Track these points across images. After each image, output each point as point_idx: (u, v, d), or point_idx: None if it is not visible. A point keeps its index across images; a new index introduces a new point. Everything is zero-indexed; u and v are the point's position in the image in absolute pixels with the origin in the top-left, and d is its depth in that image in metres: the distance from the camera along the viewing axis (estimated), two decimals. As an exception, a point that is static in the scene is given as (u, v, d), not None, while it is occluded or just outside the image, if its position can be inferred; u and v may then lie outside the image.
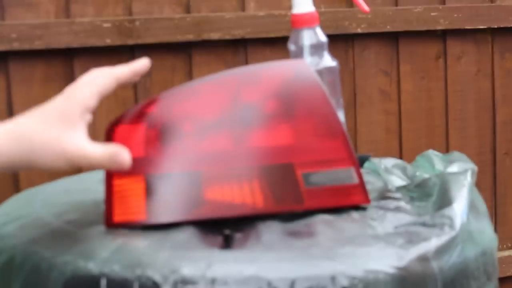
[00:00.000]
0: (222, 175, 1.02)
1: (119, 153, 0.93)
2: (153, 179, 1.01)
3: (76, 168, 1.63)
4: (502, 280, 1.78)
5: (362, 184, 1.07)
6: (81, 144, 0.91)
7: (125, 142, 1.02)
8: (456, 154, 1.29)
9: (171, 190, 1.01)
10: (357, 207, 1.10)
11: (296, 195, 1.03)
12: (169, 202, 1.00)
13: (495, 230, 1.23)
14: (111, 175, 1.02)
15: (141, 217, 1.00)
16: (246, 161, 1.02)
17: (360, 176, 1.07)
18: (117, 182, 1.01)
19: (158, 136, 1.03)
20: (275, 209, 1.03)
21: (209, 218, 1.01)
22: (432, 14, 1.87)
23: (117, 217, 1.01)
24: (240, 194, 1.02)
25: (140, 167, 1.01)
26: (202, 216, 1.01)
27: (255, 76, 1.06)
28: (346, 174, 1.06)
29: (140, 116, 1.03)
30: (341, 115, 1.25)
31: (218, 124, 1.04)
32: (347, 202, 1.06)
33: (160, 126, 1.03)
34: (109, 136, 1.03)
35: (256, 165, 1.03)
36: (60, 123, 0.92)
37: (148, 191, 1.01)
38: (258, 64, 1.08)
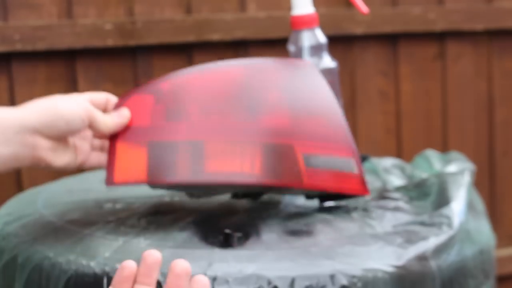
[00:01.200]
0: (224, 146, 1.02)
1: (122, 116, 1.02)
2: (156, 145, 1.02)
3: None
4: (499, 278, 1.79)
5: (362, 175, 1.07)
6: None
7: (133, 111, 1.04)
8: (454, 154, 1.29)
9: (173, 155, 1.01)
10: (357, 198, 1.11)
11: (296, 173, 1.03)
12: (170, 165, 1.01)
13: (493, 229, 1.23)
14: (115, 138, 1.03)
15: (141, 177, 1.00)
16: (248, 136, 1.03)
17: (360, 168, 1.07)
18: (120, 145, 1.02)
19: (164, 108, 1.04)
20: (275, 183, 1.02)
21: (209, 183, 1.01)
22: (431, 15, 1.88)
23: (118, 177, 1.01)
24: (241, 164, 1.01)
25: (144, 135, 1.02)
26: (202, 180, 1.00)
27: (261, 65, 1.10)
28: (346, 163, 1.06)
29: (150, 90, 1.05)
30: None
31: (223, 101, 1.05)
32: (347, 189, 1.06)
33: (167, 100, 1.04)
34: (119, 105, 1.05)
35: (258, 141, 1.03)
36: None
37: (150, 155, 1.01)
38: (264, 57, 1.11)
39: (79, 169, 1.05)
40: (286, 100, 1.07)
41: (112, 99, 1.05)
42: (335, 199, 1.12)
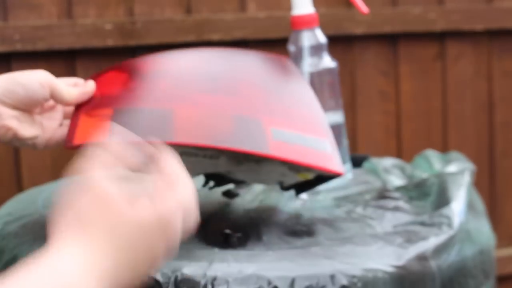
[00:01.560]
0: (193, 114, 1.00)
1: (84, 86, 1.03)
2: (121, 111, 1.00)
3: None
4: (499, 278, 1.79)
5: (336, 155, 1.03)
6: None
7: (103, 85, 1.03)
8: (454, 154, 1.29)
9: (139, 119, 0.99)
10: (333, 180, 1.08)
11: (262, 143, 0.99)
12: (136, 126, 0.97)
13: (493, 229, 1.23)
14: (80, 106, 1.02)
15: (103, 137, 0.96)
16: (218, 108, 1.01)
17: (334, 149, 1.03)
18: (84, 111, 1.01)
19: (135, 81, 1.03)
20: (241, 148, 0.98)
21: (175, 142, 0.97)
22: (431, 15, 1.88)
23: (78, 139, 0.98)
24: (208, 130, 0.99)
25: (110, 102, 1.01)
26: (169, 139, 0.97)
27: (238, 53, 1.12)
28: (319, 142, 1.03)
29: (123, 67, 1.06)
30: (340, 116, 1.26)
31: (196, 78, 1.05)
32: (318, 165, 1.01)
33: (139, 75, 1.04)
34: (92, 79, 1.05)
35: (227, 113, 1.01)
36: None
37: (115, 118, 0.99)
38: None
39: (47, 147, 1.04)
40: (258, 83, 1.06)
41: (81, 82, 1.05)
42: (310, 189, 1.09)
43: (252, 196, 1.17)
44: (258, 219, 1.06)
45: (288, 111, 1.04)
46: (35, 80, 0.99)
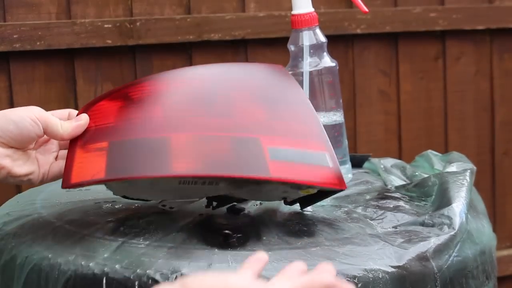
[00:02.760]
0: (190, 141, 0.99)
1: (78, 120, 1.02)
2: (116, 144, 0.99)
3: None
4: (500, 279, 1.79)
5: (337, 169, 1.03)
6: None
7: (96, 116, 1.03)
8: (455, 154, 1.29)
9: (135, 151, 0.98)
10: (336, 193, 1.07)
11: (262, 166, 0.99)
12: (132, 160, 0.97)
13: (494, 229, 1.23)
14: (75, 141, 1.01)
15: (99, 175, 0.97)
16: (215, 131, 1.00)
17: (336, 163, 1.03)
18: (79, 147, 1.00)
19: (128, 110, 1.02)
20: (241, 175, 0.99)
21: (173, 175, 0.97)
22: (431, 14, 1.88)
23: (75, 177, 0.98)
24: (207, 157, 0.98)
25: (104, 135, 1.00)
26: (167, 171, 0.97)
27: (232, 68, 1.12)
28: (318, 157, 1.02)
29: (114, 95, 1.05)
30: (340, 115, 1.26)
31: (190, 101, 1.04)
32: (320, 181, 1.01)
33: (134, 102, 1.03)
34: (85, 110, 1.04)
35: (224, 135, 1.00)
36: None
37: (110, 153, 0.98)
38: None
39: (44, 182, 1.04)
40: (254, 99, 1.06)
41: (74, 113, 1.05)
42: (314, 202, 1.09)
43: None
44: (258, 219, 1.05)
45: (286, 126, 1.04)
46: (27, 117, 0.98)
